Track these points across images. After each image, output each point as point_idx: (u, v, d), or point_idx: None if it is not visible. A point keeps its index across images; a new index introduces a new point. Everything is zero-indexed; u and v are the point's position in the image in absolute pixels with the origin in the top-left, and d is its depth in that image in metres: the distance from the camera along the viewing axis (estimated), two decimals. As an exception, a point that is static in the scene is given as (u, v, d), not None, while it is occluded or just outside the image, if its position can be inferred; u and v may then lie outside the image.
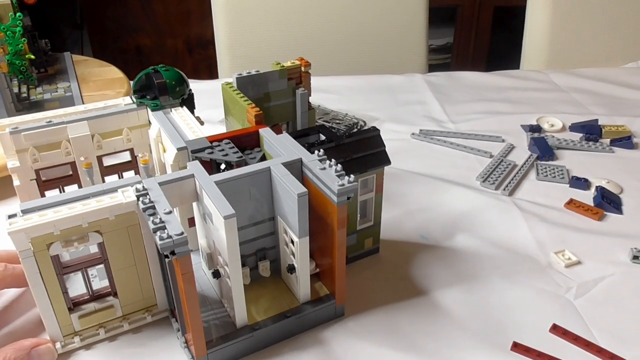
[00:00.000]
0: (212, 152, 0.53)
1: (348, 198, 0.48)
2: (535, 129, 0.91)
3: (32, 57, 0.97)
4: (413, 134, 0.91)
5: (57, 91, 0.97)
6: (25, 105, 0.92)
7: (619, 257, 0.64)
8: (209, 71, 2.29)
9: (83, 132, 0.59)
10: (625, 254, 0.64)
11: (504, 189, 0.75)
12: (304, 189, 0.47)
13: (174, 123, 0.58)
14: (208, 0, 1.30)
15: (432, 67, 1.42)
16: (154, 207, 0.44)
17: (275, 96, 0.67)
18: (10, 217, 0.45)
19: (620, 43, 1.29)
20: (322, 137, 0.58)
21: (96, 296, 0.52)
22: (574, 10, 1.28)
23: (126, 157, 0.64)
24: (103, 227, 0.47)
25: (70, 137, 0.58)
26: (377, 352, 0.51)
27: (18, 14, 0.92)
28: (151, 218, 0.43)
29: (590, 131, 0.89)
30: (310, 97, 0.69)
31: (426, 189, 0.76)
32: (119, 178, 0.63)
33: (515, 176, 0.78)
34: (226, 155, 0.53)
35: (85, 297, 0.52)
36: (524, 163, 0.82)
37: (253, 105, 0.59)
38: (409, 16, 1.33)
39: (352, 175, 0.48)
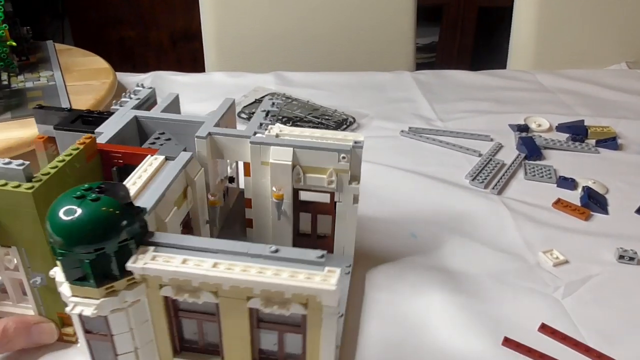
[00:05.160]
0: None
1: None
2: (522, 128, 0.92)
3: (14, 44, 0.94)
4: (402, 131, 0.91)
5: (39, 80, 0.94)
6: (6, 93, 0.90)
7: (605, 257, 0.64)
8: (193, 64, 2.26)
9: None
10: (611, 253, 0.65)
11: (493, 188, 0.76)
12: None
13: None
14: (194, -8, 1.28)
15: (418, 66, 1.42)
16: None
17: None
18: None
19: (606, 45, 1.31)
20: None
21: None
22: (560, 11, 1.29)
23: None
24: None
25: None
26: (368, 350, 0.51)
27: (0, -1, 0.90)
28: None
29: (577, 132, 0.90)
30: (298, 93, 0.68)
31: (415, 187, 0.76)
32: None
33: (503, 175, 0.79)
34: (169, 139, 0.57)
35: None
36: (512, 162, 0.82)
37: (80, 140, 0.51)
38: (397, 13, 1.33)
39: None
